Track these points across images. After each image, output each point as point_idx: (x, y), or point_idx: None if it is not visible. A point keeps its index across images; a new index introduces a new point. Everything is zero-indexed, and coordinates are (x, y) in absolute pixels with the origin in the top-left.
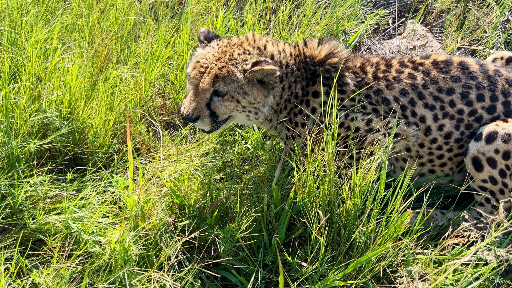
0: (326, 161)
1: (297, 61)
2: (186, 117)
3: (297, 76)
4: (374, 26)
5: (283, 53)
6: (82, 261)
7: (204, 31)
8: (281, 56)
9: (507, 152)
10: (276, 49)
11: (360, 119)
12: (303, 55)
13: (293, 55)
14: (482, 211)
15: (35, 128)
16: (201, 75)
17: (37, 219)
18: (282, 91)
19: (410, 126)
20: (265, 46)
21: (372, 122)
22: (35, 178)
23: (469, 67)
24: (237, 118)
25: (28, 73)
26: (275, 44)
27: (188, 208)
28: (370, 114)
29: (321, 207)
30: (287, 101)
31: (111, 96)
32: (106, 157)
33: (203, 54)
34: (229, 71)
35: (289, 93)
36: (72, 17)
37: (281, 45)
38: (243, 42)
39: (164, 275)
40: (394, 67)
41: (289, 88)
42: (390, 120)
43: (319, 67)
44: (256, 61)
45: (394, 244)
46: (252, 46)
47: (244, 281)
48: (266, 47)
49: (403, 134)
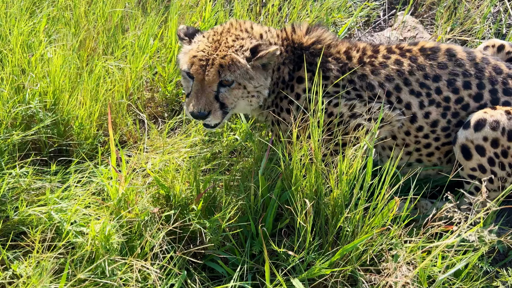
0: (312, 149)
1: (284, 44)
2: (197, 115)
3: (285, 58)
4: (365, 18)
5: (269, 33)
6: (65, 252)
7: (182, 28)
8: (268, 36)
9: (495, 139)
10: (262, 30)
11: (343, 105)
12: (291, 40)
13: (280, 37)
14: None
15: (19, 120)
16: (203, 69)
17: (19, 211)
18: (272, 73)
19: (394, 110)
20: (251, 27)
21: (355, 108)
22: (18, 170)
23: (456, 54)
24: (238, 106)
25: (11, 65)
26: (259, 25)
27: (174, 199)
28: (354, 99)
29: (308, 196)
30: (275, 84)
31: (96, 87)
32: (92, 148)
33: (196, 48)
34: (233, 59)
35: (277, 76)
36: (57, 9)
37: (266, 27)
38: (230, 29)
39: (147, 264)
40: (381, 53)
41: (278, 71)
42: (374, 105)
43: (305, 51)
44: (255, 45)
45: (379, 230)
46: (240, 30)
47: (231, 271)
48: (253, 28)
49: (386, 118)
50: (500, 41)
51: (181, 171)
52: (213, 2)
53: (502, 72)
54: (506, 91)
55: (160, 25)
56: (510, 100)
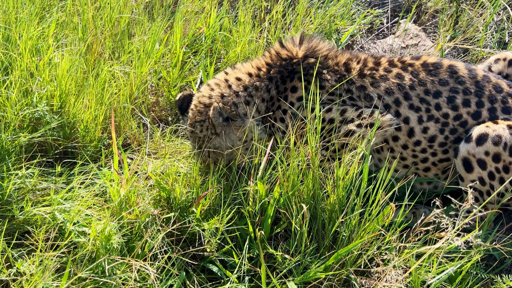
0: (309, 155)
1: (261, 74)
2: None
3: (266, 85)
4: (368, 26)
5: (249, 78)
6: (67, 251)
7: (176, 101)
8: (227, 89)
9: (497, 154)
10: (220, 86)
11: (334, 110)
12: (278, 58)
13: (262, 67)
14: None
15: (26, 122)
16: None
17: (24, 211)
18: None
19: (385, 115)
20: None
21: (346, 112)
22: (24, 171)
23: (458, 71)
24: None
25: (20, 68)
26: (223, 76)
27: (174, 202)
28: (346, 106)
29: (305, 200)
30: (267, 108)
31: (101, 91)
32: (96, 151)
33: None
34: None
35: (266, 104)
36: (66, 14)
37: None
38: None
39: (146, 264)
40: (383, 66)
41: (263, 101)
42: (365, 110)
43: (297, 66)
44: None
45: (372, 236)
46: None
47: (229, 273)
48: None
49: (378, 123)
50: None
51: (181, 175)
52: (218, 8)
53: (503, 91)
54: (505, 109)
55: (166, 30)
56: (509, 118)
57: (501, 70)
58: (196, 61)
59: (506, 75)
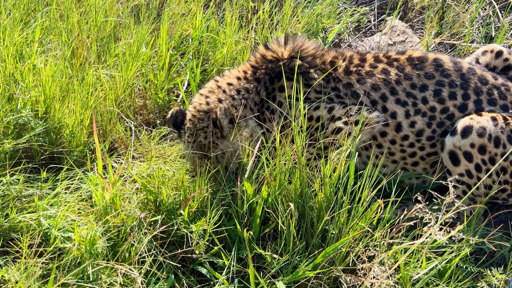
0: (295, 154)
1: (248, 77)
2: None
3: (253, 89)
4: (355, 24)
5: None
6: (53, 257)
7: (169, 119)
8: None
9: (482, 146)
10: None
11: (322, 107)
12: (263, 61)
13: (247, 71)
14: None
15: (10, 128)
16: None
17: (9, 218)
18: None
19: (372, 112)
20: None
21: (333, 110)
22: (8, 177)
23: (443, 64)
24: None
25: (2, 74)
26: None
27: (162, 204)
28: (333, 103)
29: (293, 199)
30: (258, 110)
31: (87, 95)
32: (83, 155)
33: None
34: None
35: (257, 106)
36: (50, 19)
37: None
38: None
39: (131, 268)
40: (368, 62)
41: (255, 103)
42: (352, 107)
43: (284, 66)
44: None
45: (358, 233)
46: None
47: (218, 275)
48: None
49: (365, 120)
50: (499, 46)
51: (168, 177)
52: (204, 10)
53: (488, 83)
54: (491, 101)
55: (152, 32)
56: (495, 110)
57: (489, 62)
58: (183, 63)
59: (494, 67)
